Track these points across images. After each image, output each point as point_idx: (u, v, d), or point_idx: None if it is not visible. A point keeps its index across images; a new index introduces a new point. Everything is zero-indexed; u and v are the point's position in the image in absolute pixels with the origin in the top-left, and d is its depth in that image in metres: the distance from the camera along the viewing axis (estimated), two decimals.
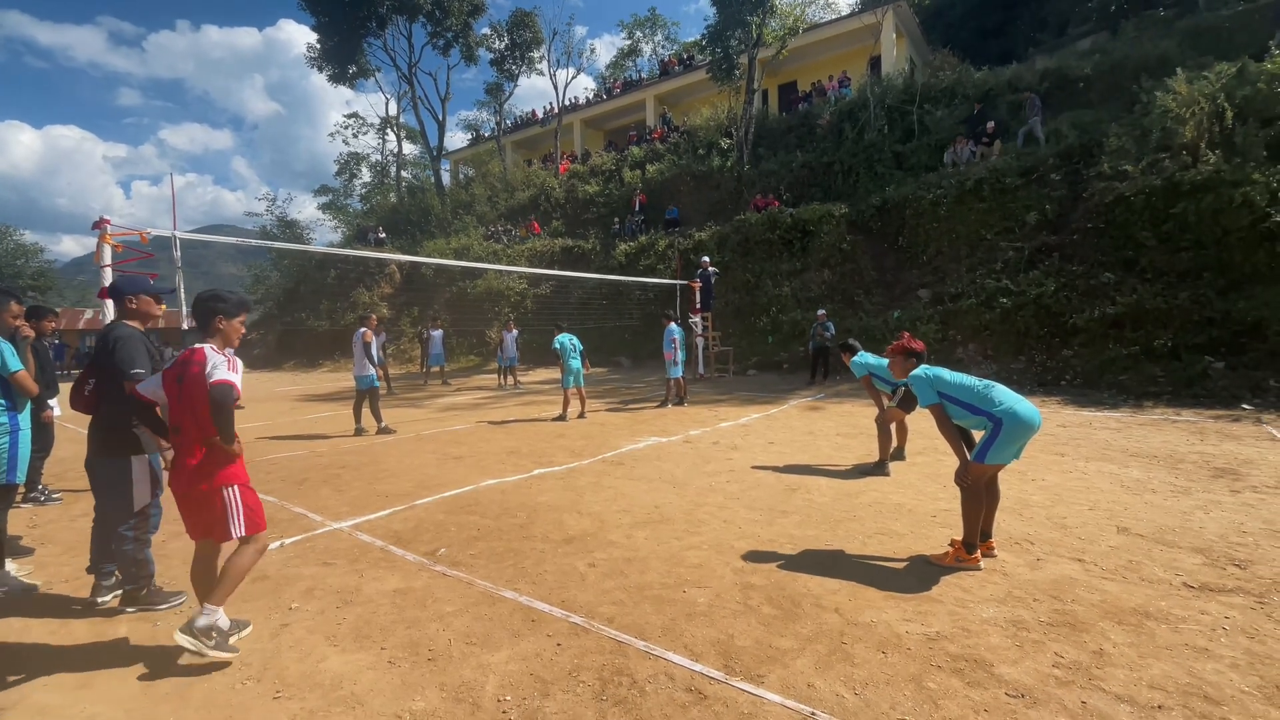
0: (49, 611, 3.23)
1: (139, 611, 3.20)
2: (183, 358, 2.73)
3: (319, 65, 31.01)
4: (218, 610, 2.65)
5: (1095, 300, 11.09)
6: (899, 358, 3.88)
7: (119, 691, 2.47)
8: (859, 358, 6.22)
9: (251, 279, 33.89)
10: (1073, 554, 3.61)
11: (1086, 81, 15.98)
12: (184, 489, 2.71)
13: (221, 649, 2.62)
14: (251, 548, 2.76)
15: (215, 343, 2.79)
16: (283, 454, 7.28)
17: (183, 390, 2.69)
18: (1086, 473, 5.43)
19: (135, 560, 3.23)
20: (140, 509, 3.24)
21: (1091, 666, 2.44)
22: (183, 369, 2.71)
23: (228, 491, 2.68)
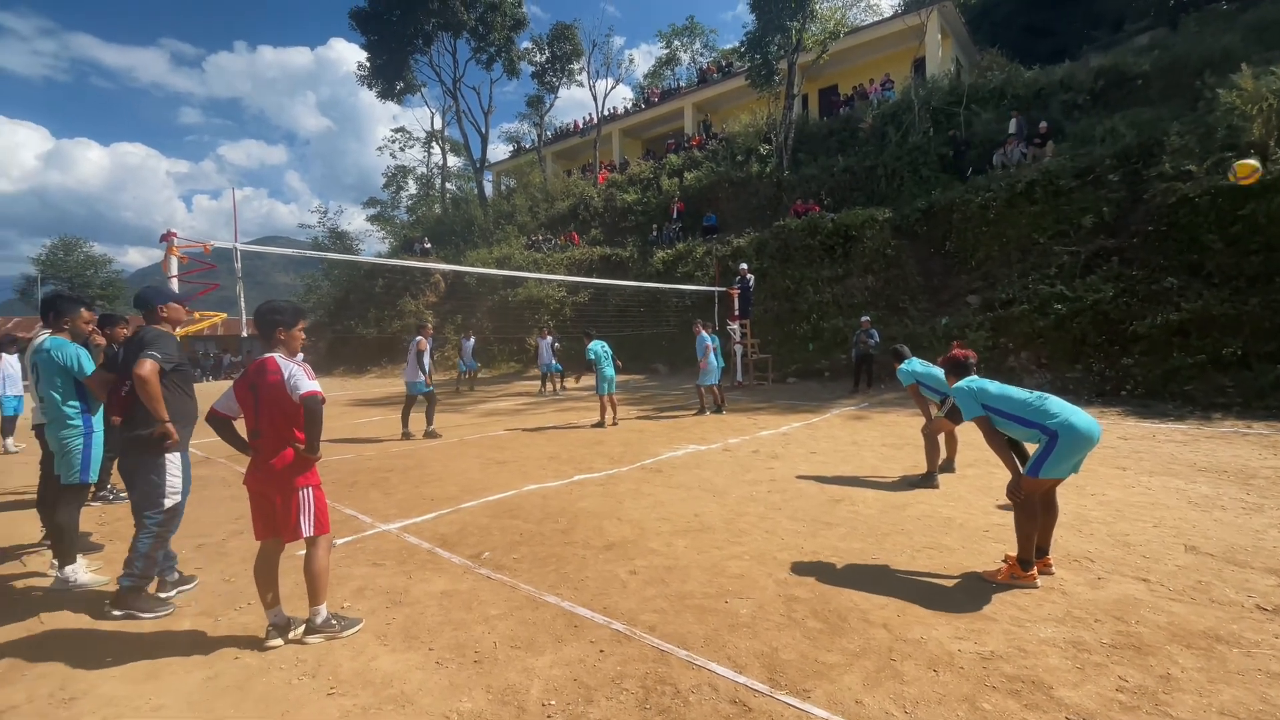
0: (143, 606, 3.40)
1: (125, 617, 3.20)
2: (253, 367, 2.90)
3: (369, 83, 32.17)
4: (323, 606, 2.94)
5: (1158, 306, 10.55)
6: (946, 369, 3.79)
7: (183, 684, 2.59)
8: (907, 365, 6.03)
9: (304, 288, 35.25)
10: (1136, 573, 3.43)
11: (1145, 79, 15.28)
12: (260, 488, 2.87)
13: (347, 627, 2.97)
14: (322, 545, 2.95)
15: (282, 352, 2.95)
16: (333, 457, 7.53)
17: (259, 398, 2.86)
18: (1150, 488, 5.16)
19: (146, 555, 3.30)
20: (171, 507, 3.36)
21: (1158, 691, 2.32)
22: (256, 378, 2.87)
23: (303, 493, 2.86)
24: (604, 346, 9.77)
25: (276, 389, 2.84)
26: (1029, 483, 3.27)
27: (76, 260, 46.07)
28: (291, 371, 2.85)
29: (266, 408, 2.85)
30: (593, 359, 9.66)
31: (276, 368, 2.86)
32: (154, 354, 3.26)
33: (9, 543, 4.63)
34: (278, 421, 2.86)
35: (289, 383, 2.83)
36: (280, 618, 2.92)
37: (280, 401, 2.84)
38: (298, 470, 2.87)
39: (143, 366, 3.18)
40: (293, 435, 2.88)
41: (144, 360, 3.20)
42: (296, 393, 2.81)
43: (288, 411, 2.86)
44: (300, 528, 2.84)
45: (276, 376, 2.85)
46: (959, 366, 3.75)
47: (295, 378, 2.83)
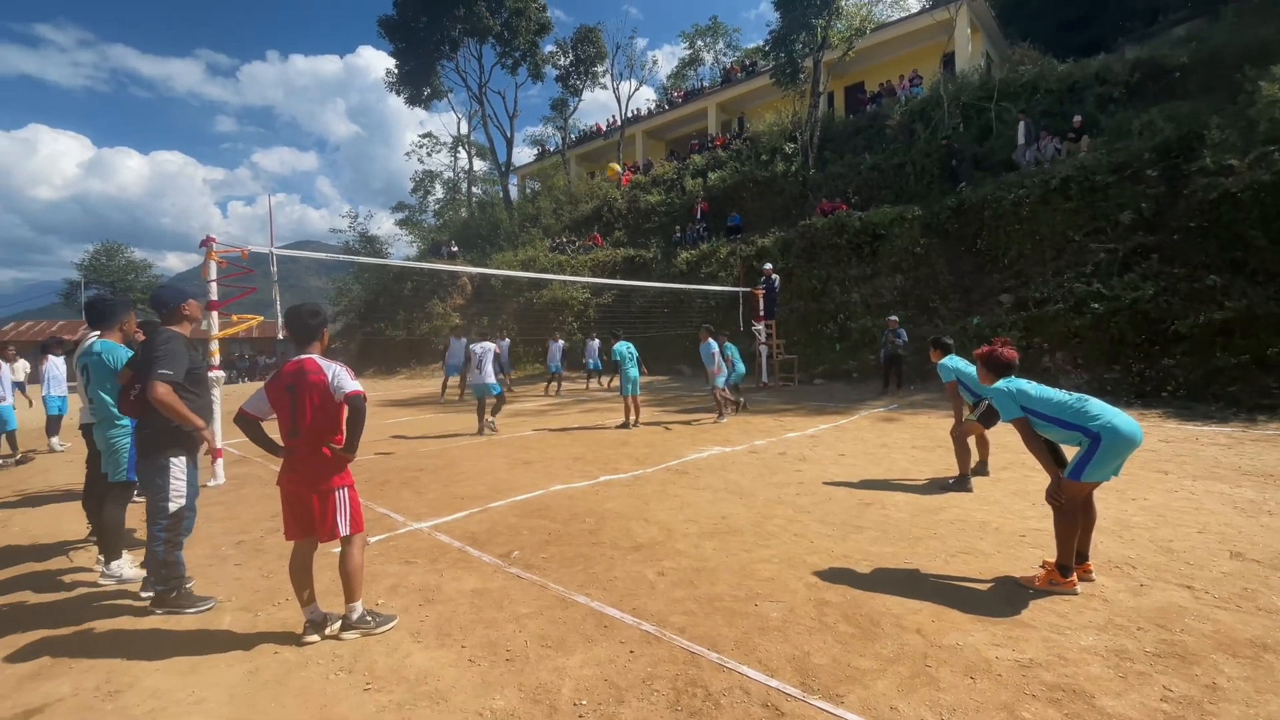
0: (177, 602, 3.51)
1: (167, 614, 3.29)
2: (290, 369, 2.93)
3: (397, 89, 32.75)
4: (359, 603, 3.00)
5: (1200, 305, 10.19)
6: (982, 367, 3.70)
7: (224, 677, 2.66)
8: (949, 360, 5.78)
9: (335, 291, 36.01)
10: (1180, 580, 3.32)
11: (1183, 71, 14.78)
12: (295, 489, 2.92)
13: (382, 623, 3.02)
14: (357, 544, 3.00)
15: (315, 352, 3.01)
16: (365, 456, 7.67)
17: (298, 399, 2.89)
18: (1194, 492, 4.99)
19: (165, 562, 3.33)
20: (175, 511, 3.36)
21: (1204, 701, 2.25)
22: (295, 379, 2.90)
23: (340, 493, 2.92)
24: (629, 348, 9.78)
25: (320, 390, 2.88)
26: (1070, 486, 3.19)
27: (118, 265, 47.84)
28: (335, 372, 2.91)
29: (308, 409, 2.88)
30: (618, 360, 9.69)
31: (318, 368, 2.91)
32: (164, 373, 3.22)
33: (55, 538, 4.81)
34: (319, 422, 2.90)
35: (333, 383, 2.88)
36: (317, 614, 2.99)
37: (323, 402, 2.89)
38: (334, 470, 2.92)
39: (155, 390, 3.16)
40: (331, 436, 2.92)
41: (155, 384, 3.17)
42: (341, 392, 2.87)
43: (330, 412, 2.90)
44: (338, 527, 2.90)
45: (320, 377, 2.89)
46: (1001, 366, 3.61)
47: (339, 378, 2.90)
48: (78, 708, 2.46)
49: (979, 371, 3.75)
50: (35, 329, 39.36)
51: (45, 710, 2.45)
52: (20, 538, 4.88)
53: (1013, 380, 3.49)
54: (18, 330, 38.92)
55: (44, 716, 2.41)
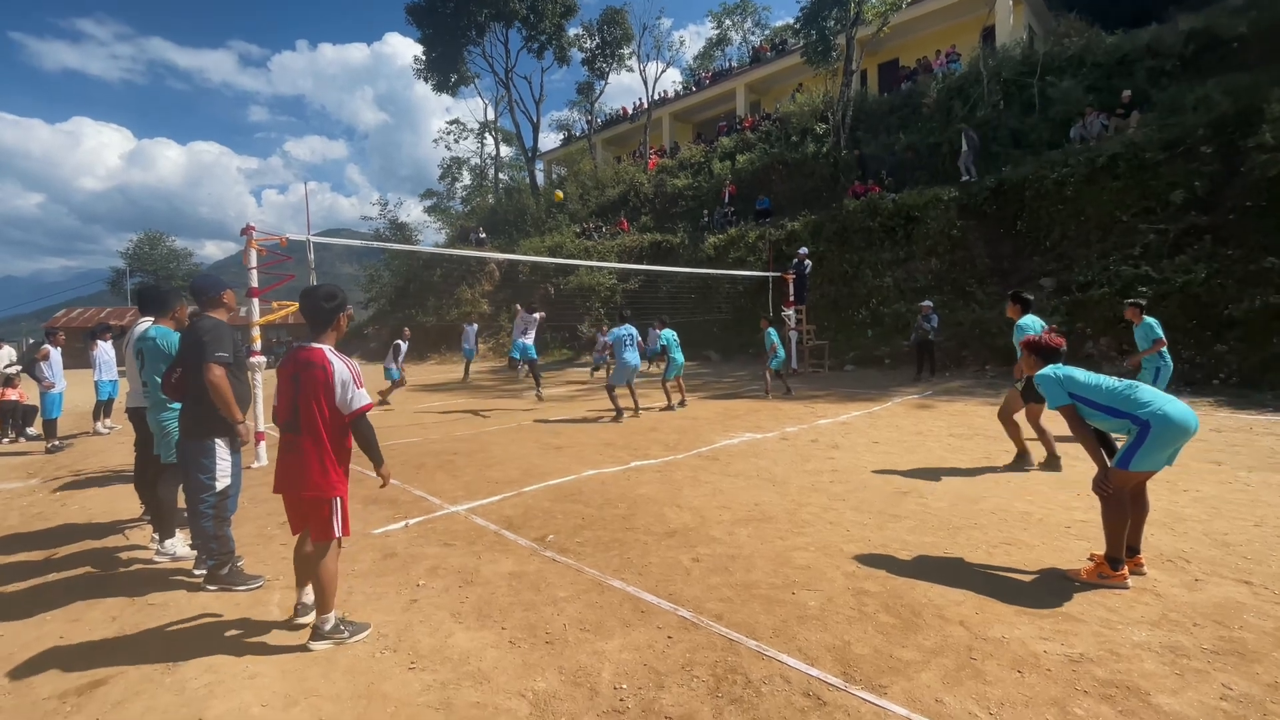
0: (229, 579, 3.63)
1: (220, 590, 3.40)
2: (300, 356, 2.73)
3: (425, 76, 32.90)
4: (331, 614, 2.81)
5: (1256, 288, 9.74)
6: (1029, 354, 3.58)
7: (277, 655, 2.75)
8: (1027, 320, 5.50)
9: (366, 278, 36.63)
10: (1237, 575, 3.20)
11: (1241, 41, 13.97)
12: (282, 488, 2.80)
13: (355, 632, 2.84)
14: (333, 551, 2.81)
15: (330, 340, 2.82)
16: (401, 440, 7.83)
17: (299, 390, 2.70)
18: (1249, 484, 4.79)
19: (215, 537, 3.43)
20: (222, 489, 3.46)
21: (1266, 700, 2.16)
22: (299, 369, 2.70)
23: (336, 503, 2.76)
24: (674, 335, 10.14)
25: (326, 390, 2.67)
26: (1118, 475, 3.08)
27: (160, 254, 49.42)
28: (345, 380, 2.67)
29: (305, 403, 2.68)
30: (665, 345, 9.99)
31: (326, 362, 2.67)
32: (221, 355, 3.31)
33: (111, 517, 5.02)
34: (315, 423, 2.67)
35: (341, 394, 2.67)
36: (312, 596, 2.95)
37: (321, 403, 2.67)
38: (326, 475, 2.72)
39: (212, 372, 3.25)
40: (328, 440, 2.71)
41: (211, 366, 3.26)
42: (349, 408, 2.68)
43: (327, 415, 2.69)
44: (332, 529, 2.76)
45: (326, 376, 2.66)
46: (1048, 353, 3.50)
47: (349, 389, 2.67)
48: (139, 680, 2.57)
49: (1025, 359, 3.64)
50: (85, 315, 40.97)
51: (109, 682, 2.56)
52: (78, 516, 5.10)
53: (1060, 366, 3.37)
54: (69, 316, 40.56)
55: (108, 687, 2.52)
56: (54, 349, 9.16)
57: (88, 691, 2.50)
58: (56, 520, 5.00)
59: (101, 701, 2.43)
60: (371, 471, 5.83)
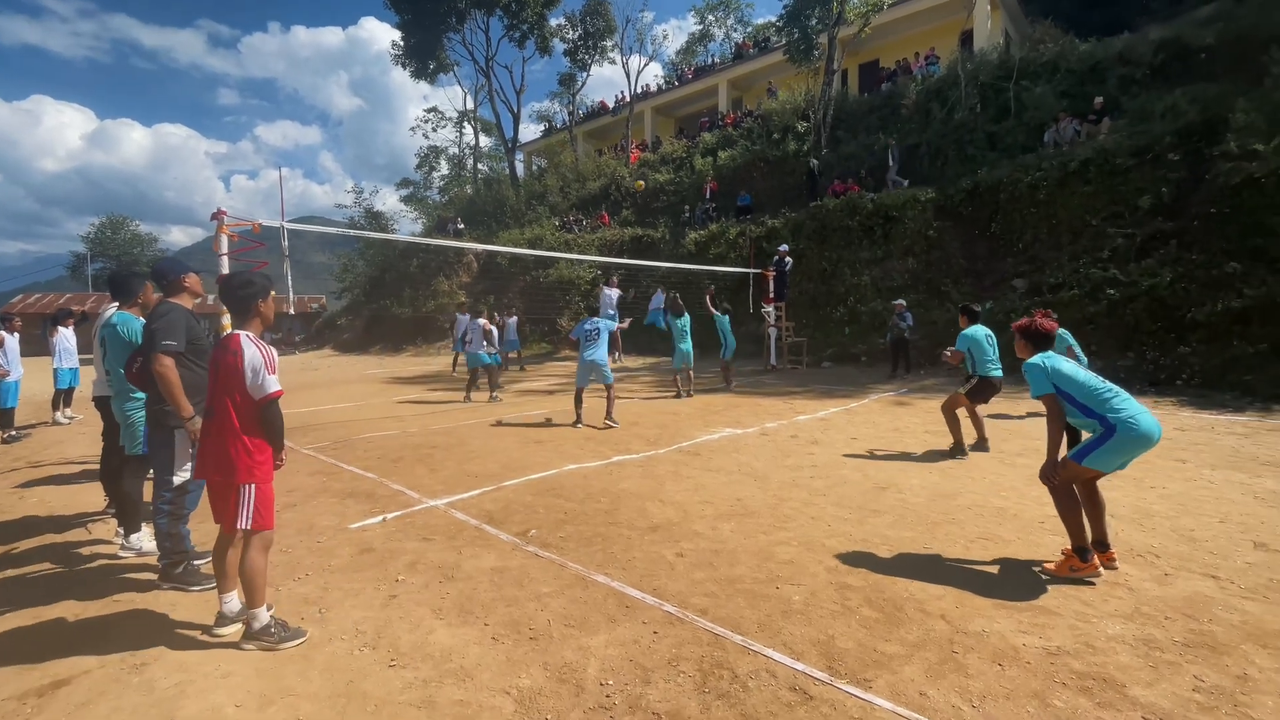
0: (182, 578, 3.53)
1: (174, 589, 3.28)
2: (221, 342, 2.74)
3: (402, 63, 32.27)
4: (261, 610, 2.71)
5: (1218, 292, 10.06)
6: (1021, 339, 3.56)
7: (250, 653, 2.67)
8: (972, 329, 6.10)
9: (340, 267, 35.90)
10: (1204, 570, 3.30)
11: (1208, 52, 14.39)
12: (202, 473, 2.78)
13: (287, 638, 2.70)
14: (258, 544, 2.73)
15: (254, 328, 2.79)
16: (378, 433, 7.69)
17: (217, 375, 2.70)
18: (1213, 481, 4.95)
19: (167, 534, 3.32)
20: (180, 484, 3.33)
21: (1236, 692, 2.23)
22: (219, 355, 2.71)
23: (245, 489, 2.68)
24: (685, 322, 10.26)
25: (236, 376, 2.64)
26: (1070, 467, 3.18)
27: (123, 239, 47.82)
28: (256, 365, 2.64)
29: (221, 390, 2.68)
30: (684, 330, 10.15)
31: (238, 348, 2.65)
32: (168, 344, 3.17)
33: (74, 510, 4.83)
34: (227, 406, 2.66)
35: (251, 379, 2.64)
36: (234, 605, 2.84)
37: (234, 388, 2.65)
38: (244, 461, 2.67)
39: (159, 363, 3.11)
40: (238, 425, 2.67)
41: (158, 356, 3.12)
42: (260, 393, 2.65)
43: (238, 400, 2.66)
44: (238, 519, 2.67)
45: (236, 360, 2.64)
46: (1039, 338, 3.48)
47: (260, 375, 2.64)
48: (104, 680, 2.47)
49: (1017, 344, 3.58)
50: (44, 301, 39.46)
51: (72, 682, 2.46)
52: (38, 509, 4.91)
53: (1049, 356, 3.39)
54: (25, 302, 39.01)
55: (71, 688, 2.42)
56: (10, 335, 8.79)
57: (49, 692, 2.39)
58: (15, 514, 4.81)
59: (64, 702, 2.33)
60: (347, 465, 5.73)
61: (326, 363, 24.01)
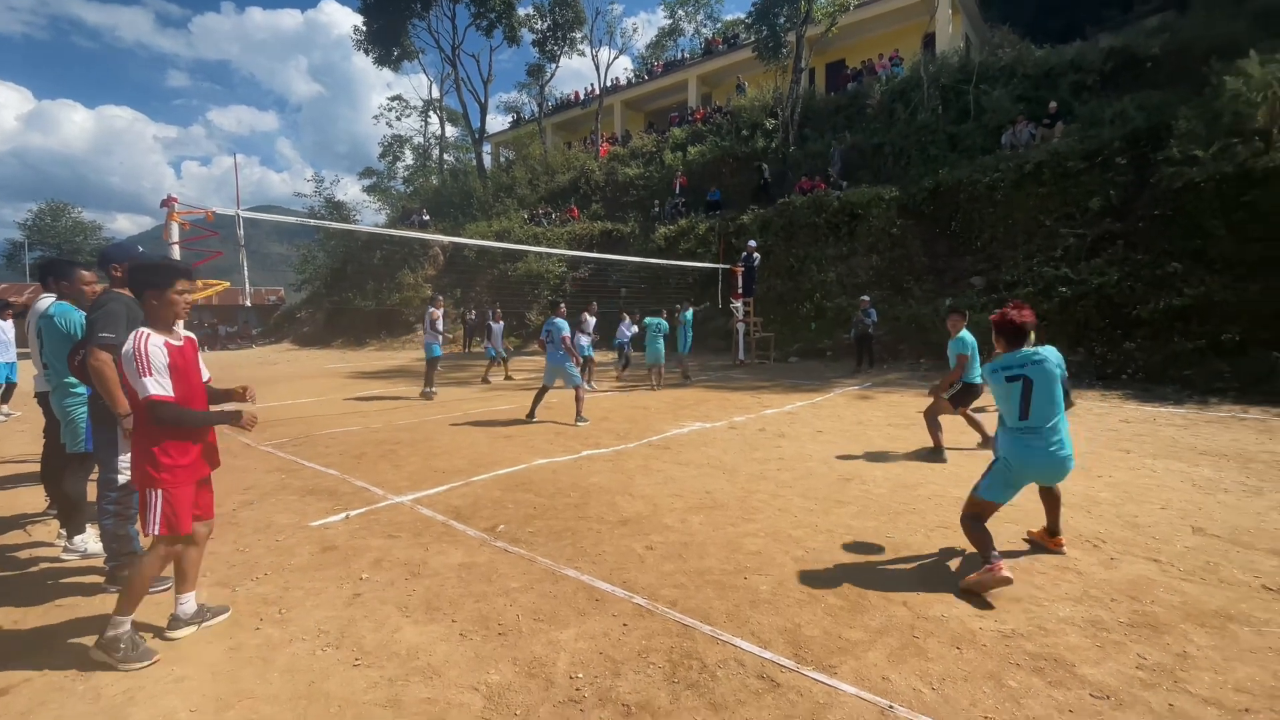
0: None
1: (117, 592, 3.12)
2: None
3: (365, 48, 31.42)
4: (124, 620, 2.52)
5: (1161, 291, 10.56)
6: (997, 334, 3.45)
7: (204, 655, 2.58)
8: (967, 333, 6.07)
9: (299, 258, 34.87)
10: (1147, 554, 3.47)
11: (1154, 61, 15.05)
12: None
13: (132, 659, 2.47)
14: (158, 550, 2.58)
15: (153, 321, 2.56)
16: (340, 429, 7.51)
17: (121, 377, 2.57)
18: (1155, 470, 5.20)
19: (115, 535, 3.19)
20: (125, 484, 3.17)
21: (1176, 669, 2.35)
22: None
23: (150, 494, 2.51)
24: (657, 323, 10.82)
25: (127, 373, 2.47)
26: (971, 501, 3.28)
27: (64, 226, 45.45)
28: (129, 364, 2.44)
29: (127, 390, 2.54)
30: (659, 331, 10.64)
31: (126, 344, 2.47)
32: (105, 337, 2.94)
33: (12, 511, 4.59)
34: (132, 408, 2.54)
35: (129, 372, 2.45)
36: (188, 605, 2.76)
37: (127, 386, 2.51)
38: (143, 462, 2.52)
39: (94, 357, 2.90)
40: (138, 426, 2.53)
41: (94, 350, 2.92)
42: (139, 395, 2.45)
43: (137, 400, 2.50)
44: (147, 525, 2.52)
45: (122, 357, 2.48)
46: (1010, 331, 3.37)
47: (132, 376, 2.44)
48: (47, 688, 2.36)
49: (995, 340, 3.46)
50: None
51: (12, 691, 2.34)
52: None
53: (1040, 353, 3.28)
54: None
55: (10, 697, 2.30)
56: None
57: None
58: None
59: (4, 712, 2.21)
60: (308, 462, 5.58)
61: (285, 357, 23.32)
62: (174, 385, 2.51)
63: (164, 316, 2.58)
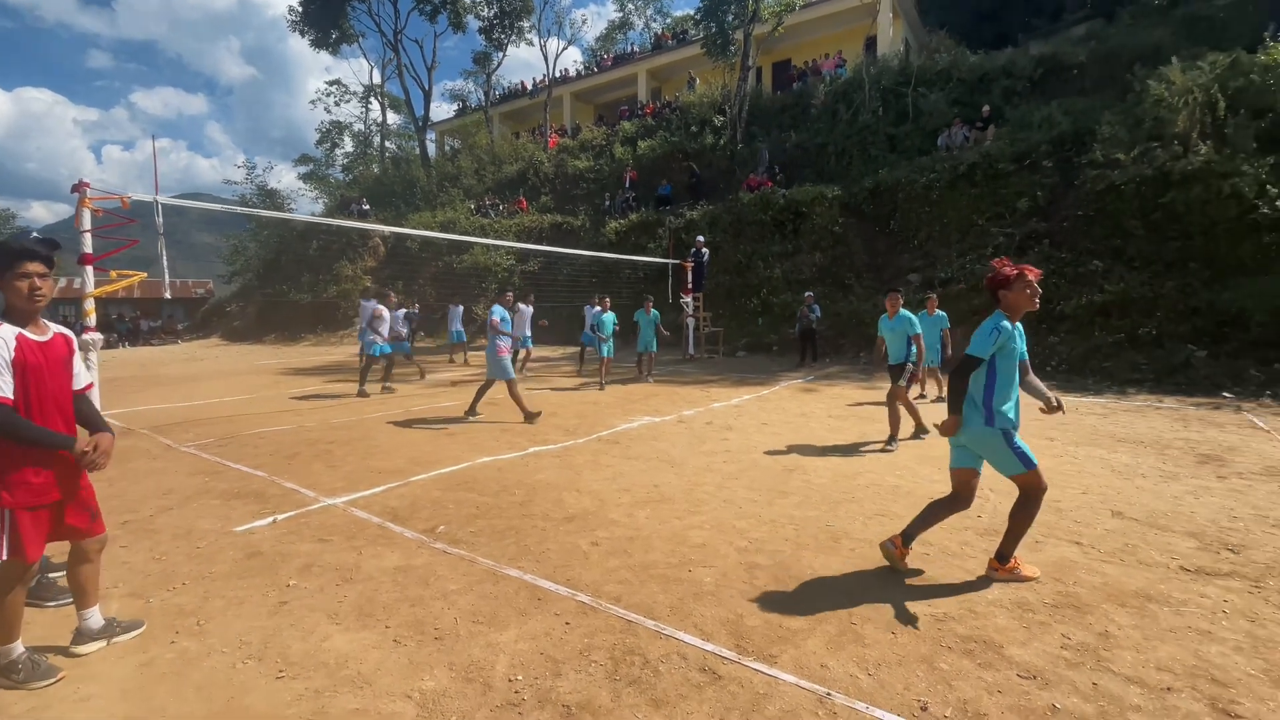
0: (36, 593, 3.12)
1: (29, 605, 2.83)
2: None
3: (301, 30, 29.95)
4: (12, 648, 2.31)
5: (1083, 287, 11.23)
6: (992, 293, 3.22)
7: (114, 672, 2.39)
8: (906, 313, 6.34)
9: (229, 249, 32.98)
10: (1070, 537, 3.65)
11: (1081, 68, 15.97)
12: None
13: (34, 679, 2.28)
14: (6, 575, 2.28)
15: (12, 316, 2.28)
16: (271, 428, 7.13)
17: None
18: (1077, 457, 5.50)
19: None
20: None
21: (1099, 648, 2.47)
22: None
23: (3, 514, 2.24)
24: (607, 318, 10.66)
25: None
26: None
27: None
28: None
29: None
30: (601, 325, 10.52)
31: None
32: None
33: None
34: None
35: None
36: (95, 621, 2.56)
37: None
38: None
39: None
40: None
41: None
42: None
43: None
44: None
45: None
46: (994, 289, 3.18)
47: None
48: None
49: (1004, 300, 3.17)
50: None
51: None
52: None
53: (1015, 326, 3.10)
54: None
55: None
56: None
57: None
58: None
59: None
60: (234, 463, 5.28)
61: (213, 352, 22.07)
62: (17, 386, 2.20)
63: (14, 305, 2.26)
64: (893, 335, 6.37)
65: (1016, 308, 3.13)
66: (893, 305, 6.37)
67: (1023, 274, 3.10)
